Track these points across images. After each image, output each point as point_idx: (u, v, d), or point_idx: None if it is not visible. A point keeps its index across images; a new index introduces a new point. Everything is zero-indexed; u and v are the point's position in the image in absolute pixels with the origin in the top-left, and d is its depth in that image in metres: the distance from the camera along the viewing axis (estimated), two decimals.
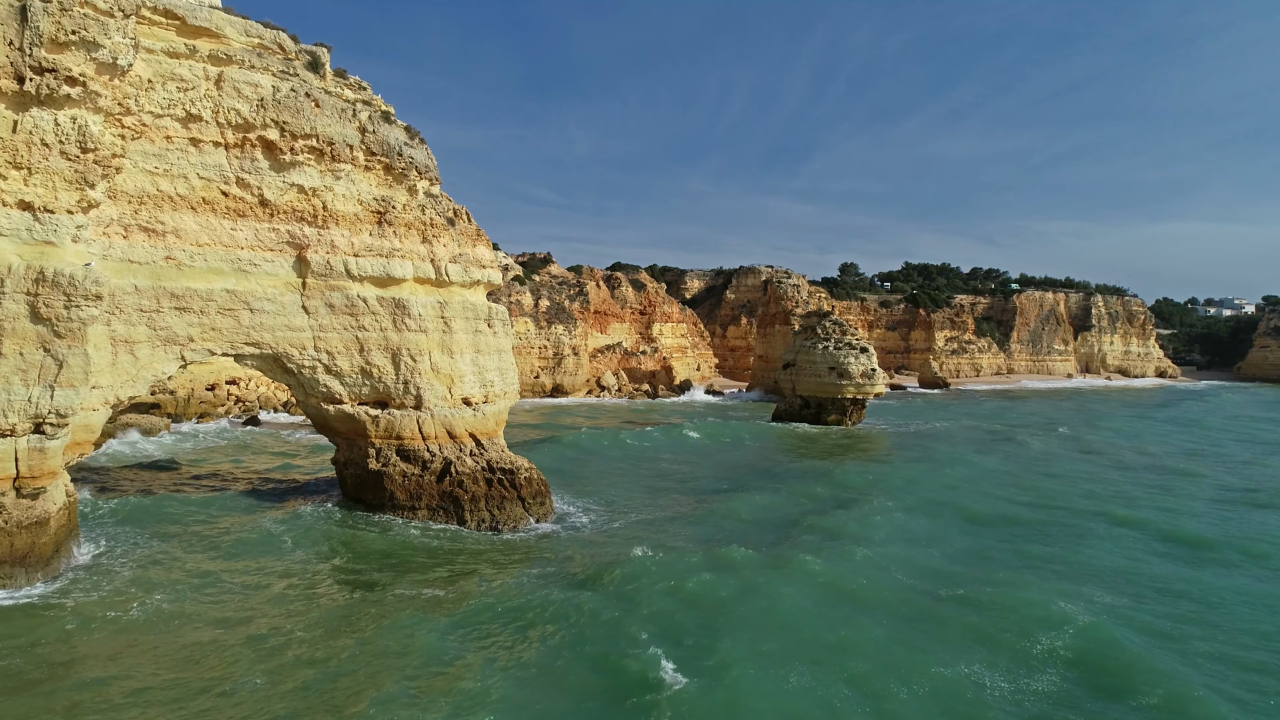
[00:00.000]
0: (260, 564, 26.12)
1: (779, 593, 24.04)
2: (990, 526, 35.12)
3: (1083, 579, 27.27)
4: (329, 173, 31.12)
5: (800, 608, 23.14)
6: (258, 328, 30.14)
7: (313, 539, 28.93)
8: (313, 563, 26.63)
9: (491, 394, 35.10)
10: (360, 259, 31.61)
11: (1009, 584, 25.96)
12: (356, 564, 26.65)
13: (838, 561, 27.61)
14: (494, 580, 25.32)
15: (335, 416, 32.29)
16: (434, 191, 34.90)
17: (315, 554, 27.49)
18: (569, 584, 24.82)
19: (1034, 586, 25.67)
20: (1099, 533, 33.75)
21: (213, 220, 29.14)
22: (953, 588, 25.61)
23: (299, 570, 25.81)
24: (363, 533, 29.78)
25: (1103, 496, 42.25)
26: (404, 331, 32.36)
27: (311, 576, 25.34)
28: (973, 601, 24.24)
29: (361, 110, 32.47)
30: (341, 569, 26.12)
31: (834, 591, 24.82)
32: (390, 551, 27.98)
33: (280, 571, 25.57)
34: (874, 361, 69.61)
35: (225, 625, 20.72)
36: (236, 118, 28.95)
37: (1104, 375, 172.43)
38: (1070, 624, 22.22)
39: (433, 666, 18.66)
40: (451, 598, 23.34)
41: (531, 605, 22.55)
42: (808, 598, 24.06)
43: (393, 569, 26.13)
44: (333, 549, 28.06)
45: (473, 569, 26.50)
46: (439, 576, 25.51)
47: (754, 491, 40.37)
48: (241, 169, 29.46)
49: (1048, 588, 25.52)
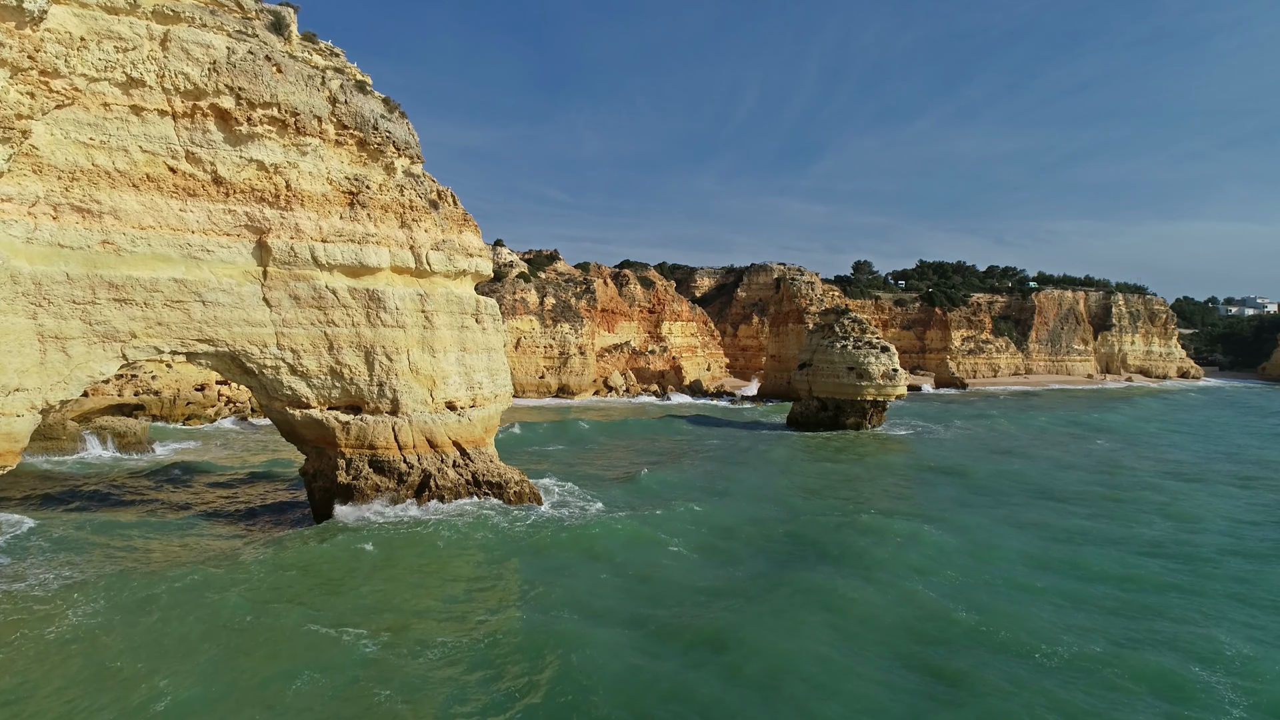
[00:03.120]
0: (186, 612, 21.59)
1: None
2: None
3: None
4: (293, 147, 27.52)
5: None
6: (211, 322, 26.57)
7: (257, 578, 23.96)
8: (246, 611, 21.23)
9: (480, 397, 31.43)
10: (329, 245, 27.99)
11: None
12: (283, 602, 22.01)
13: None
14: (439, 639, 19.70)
15: (302, 423, 28.69)
16: (415, 171, 31.25)
17: (249, 598, 22.13)
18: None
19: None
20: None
21: (158, 200, 25.56)
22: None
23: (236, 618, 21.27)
24: (314, 557, 25.68)
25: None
26: (379, 327, 28.72)
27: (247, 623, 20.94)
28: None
29: (332, 78, 28.86)
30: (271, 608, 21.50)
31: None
32: (338, 579, 23.79)
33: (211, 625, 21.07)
34: (895, 361, 65.62)
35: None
36: (185, 83, 25.39)
37: (1124, 376, 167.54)
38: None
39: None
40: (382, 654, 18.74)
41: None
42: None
43: (331, 609, 21.48)
44: (270, 588, 23.06)
45: (420, 612, 21.55)
46: (384, 627, 20.31)
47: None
48: (192, 141, 25.90)
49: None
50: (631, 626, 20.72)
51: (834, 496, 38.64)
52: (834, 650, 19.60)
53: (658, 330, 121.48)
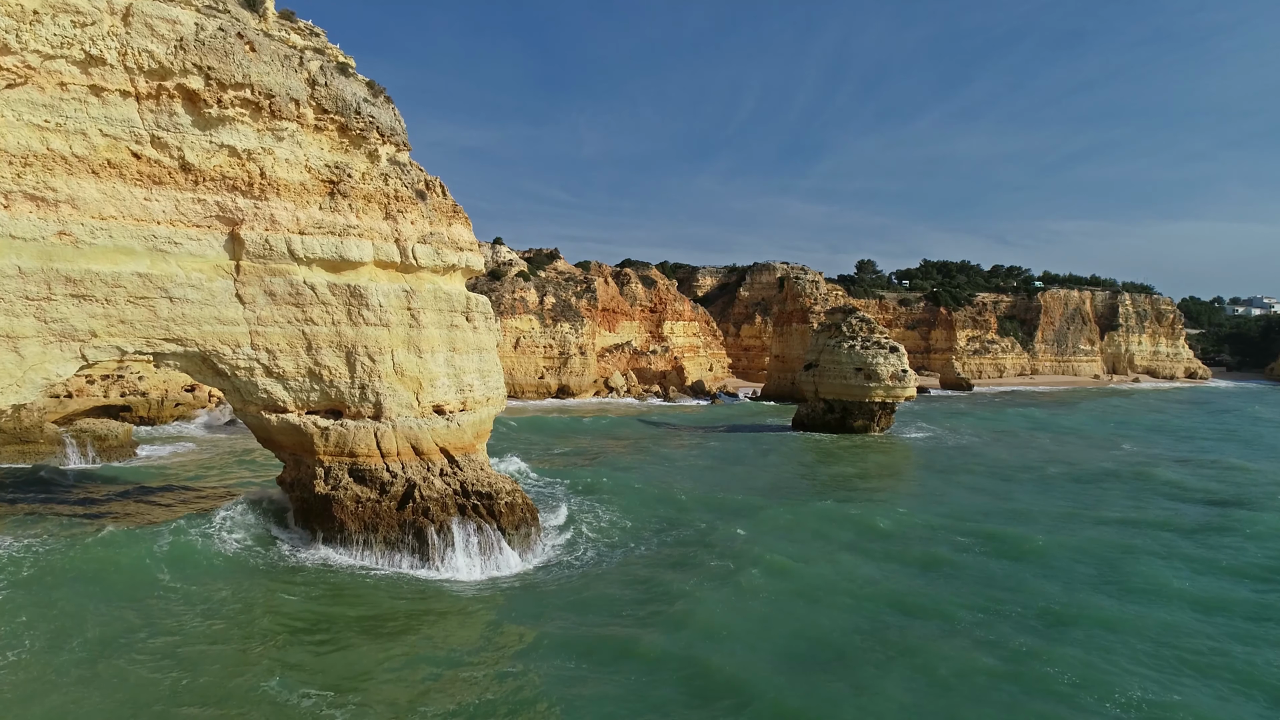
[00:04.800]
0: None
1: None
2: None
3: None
4: (268, 132, 25.58)
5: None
6: (180, 320, 24.63)
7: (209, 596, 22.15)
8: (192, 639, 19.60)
9: (470, 400, 29.49)
10: (307, 237, 26.05)
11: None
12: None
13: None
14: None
15: (278, 428, 26.76)
16: (401, 159, 29.32)
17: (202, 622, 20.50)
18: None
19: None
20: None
21: (120, 188, 23.62)
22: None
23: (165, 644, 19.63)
24: (277, 583, 23.51)
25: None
26: (361, 325, 26.77)
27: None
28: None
29: (311, 59, 26.92)
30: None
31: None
32: (296, 613, 21.45)
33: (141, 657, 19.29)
34: (905, 362, 63.68)
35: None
36: (150, 61, 23.44)
37: (1131, 376, 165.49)
38: None
39: None
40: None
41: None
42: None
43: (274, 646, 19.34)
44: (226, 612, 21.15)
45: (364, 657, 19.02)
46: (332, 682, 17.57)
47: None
48: (157, 125, 23.95)
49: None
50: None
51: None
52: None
53: (659, 330, 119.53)
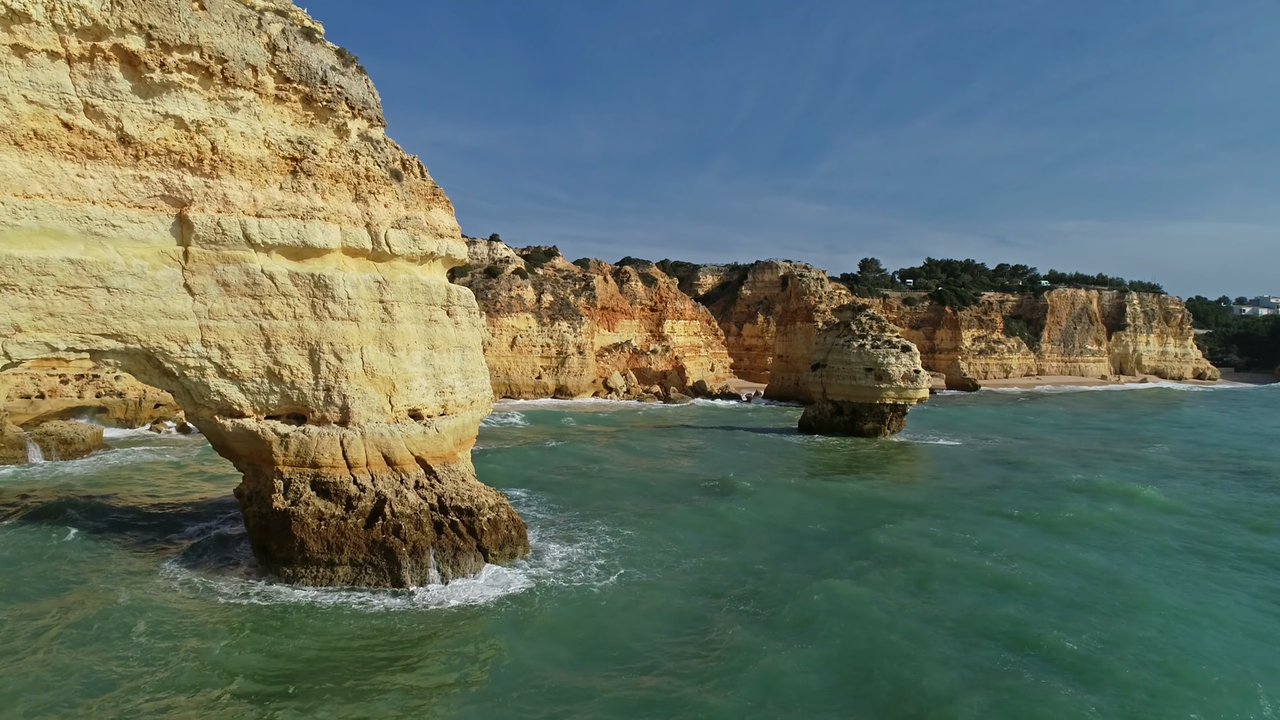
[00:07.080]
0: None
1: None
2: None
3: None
4: (221, 101, 22.69)
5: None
6: (119, 313, 21.75)
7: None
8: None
9: (451, 404, 26.60)
10: (266, 220, 23.17)
11: None
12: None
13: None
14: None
15: (234, 434, 23.86)
16: (374, 135, 26.42)
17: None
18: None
19: None
20: None
21: (49, 162, 20.73)
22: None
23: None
24: (207, 620, 20.49)
25: None
26: (326, 319, 23.88)
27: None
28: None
29: (272, 21, 24.03)
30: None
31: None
32: (220, 661, 18.22)
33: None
34: (917, 362, 60.74)
35: None
36: (82, 18, 20.55)
37: (1139, 377, 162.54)
38: None
39: None
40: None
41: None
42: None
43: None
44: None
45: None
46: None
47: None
48: (91, 91, 21.07)
49: None
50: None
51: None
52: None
53: (660, 329, 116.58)
